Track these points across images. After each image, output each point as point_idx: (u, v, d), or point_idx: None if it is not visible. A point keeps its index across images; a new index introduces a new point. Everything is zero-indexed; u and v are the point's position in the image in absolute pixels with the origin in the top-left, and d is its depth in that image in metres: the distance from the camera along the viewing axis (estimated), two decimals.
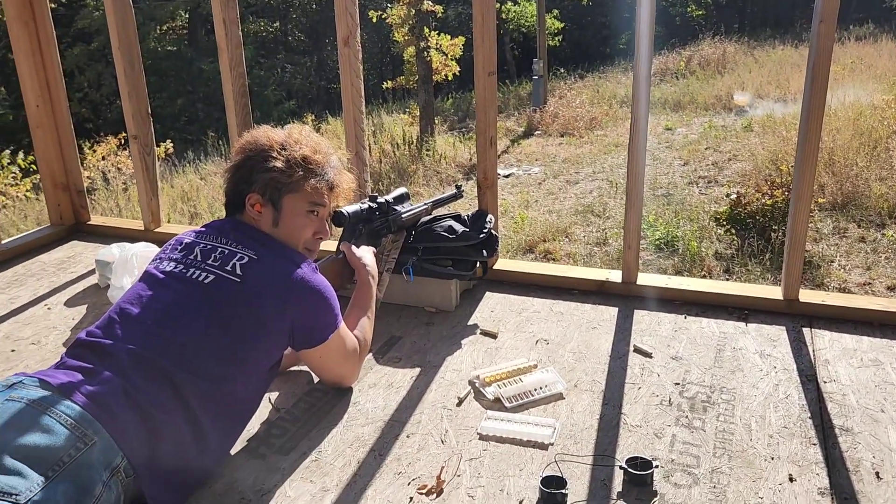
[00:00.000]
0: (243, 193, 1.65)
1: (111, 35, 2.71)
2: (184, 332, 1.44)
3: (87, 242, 3.01)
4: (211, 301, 1.48)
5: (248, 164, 1.66)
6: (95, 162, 9.77)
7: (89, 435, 1.23)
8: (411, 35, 11.87)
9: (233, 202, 1.69)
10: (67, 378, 1.32)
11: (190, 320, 1.46)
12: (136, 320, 1.45)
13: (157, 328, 1.44)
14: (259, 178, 1.63)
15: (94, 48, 16.85)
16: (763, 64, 14.77)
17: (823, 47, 1.89)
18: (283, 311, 1.52)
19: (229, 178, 1.69)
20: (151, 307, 1.48)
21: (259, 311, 1.50)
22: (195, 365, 1.42)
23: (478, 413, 1.68)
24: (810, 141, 1.99)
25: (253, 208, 1.65)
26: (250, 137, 1.70)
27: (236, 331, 1.48)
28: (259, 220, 1.65)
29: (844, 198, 6.51)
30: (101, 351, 1.39)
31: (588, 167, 9.24)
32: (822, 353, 1.89)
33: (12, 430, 1.18)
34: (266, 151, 1.64)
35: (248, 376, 1.52)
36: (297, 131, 1.71)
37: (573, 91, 14.37)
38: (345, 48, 2.39)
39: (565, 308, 2.21)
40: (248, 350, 1.50)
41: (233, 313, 1.49)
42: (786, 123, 9.32)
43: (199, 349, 1.43)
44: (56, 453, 1.18)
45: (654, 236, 6.08)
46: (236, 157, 1.69)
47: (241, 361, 1.49)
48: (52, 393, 1.27)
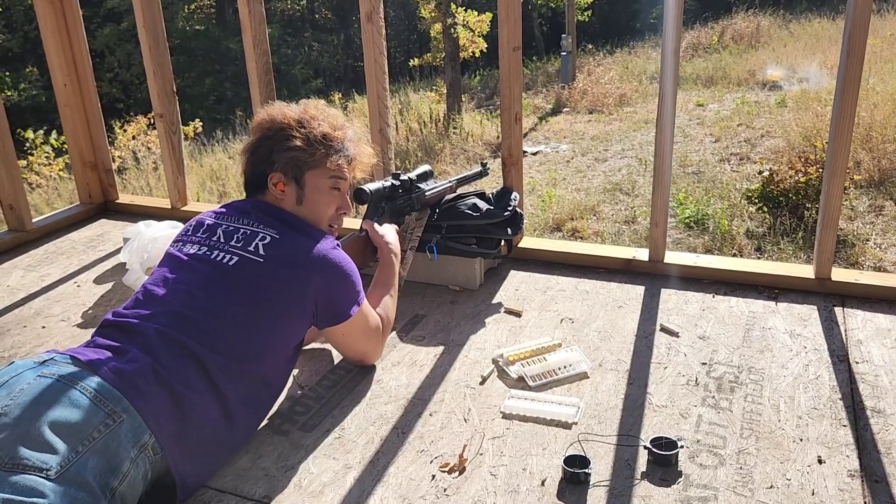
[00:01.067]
0: (265, 173, 1.65)
1: (136, 13, 2.72)
2: (210, 313, 1.45)
3: (115, 221, 3.05)
4: (235, 282, 1.49)
5: (267, 144, 1.65)
6: (126, 142, 9.88)
7: (118, 412, 1.24)
8: (438, 11, 11.76)
9: (253, 182, 1.68)
10: (97, 355, 1.33)
11: (215, 302, 1.47)
12: (162, 302, 1.46)
13: (183, 310, 1.44)
14: (280, 158, 1.63)
15: (123, 28, 16.97)
16: (798, 37, 14.38)
17: (860, 18, 1.83)
18: (306, 287, 1.52)
19: (248, 158, 1.68)
20: (177, 289, 1.49)
21: (282, 289, 1.51)
22: (222, 346, 1.43)
23: (501, 392, 1.67)
24: (845, 116, 1.92)
25: (276, 188, 1.64)
26: (266, 116, 1.68)
27: (261, 311, 1.49)
28: (283, 199, 1.65)
29: (881, 175, 6.33)
30: (129, 330, 1.41)
31: (617, 144, 9.11)
32: (855, 333, 1.85)
33: (43, 406, 1.20)
34: (285, 130, 1.63)
35: (275, 355, 1.53)
36: (312, 107, 1.70)
37: (602, 67, 14.15)
38: (368, 24, 2.36)
39: (591, 287, 2.19)
40: (273, 329, 1.51)
41: (257, 293, 1.49)
42: (821, 99, 9.08)
43: (225, 330, 1.44)
44: (86, 429, 1.20)
45: (683, 214, 5.99)
46: (254, 137, 1.68)
47: (267, 341, 1.50)
48: (82, 369, 1.29)
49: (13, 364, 1.31)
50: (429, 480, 1.39)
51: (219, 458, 1.44)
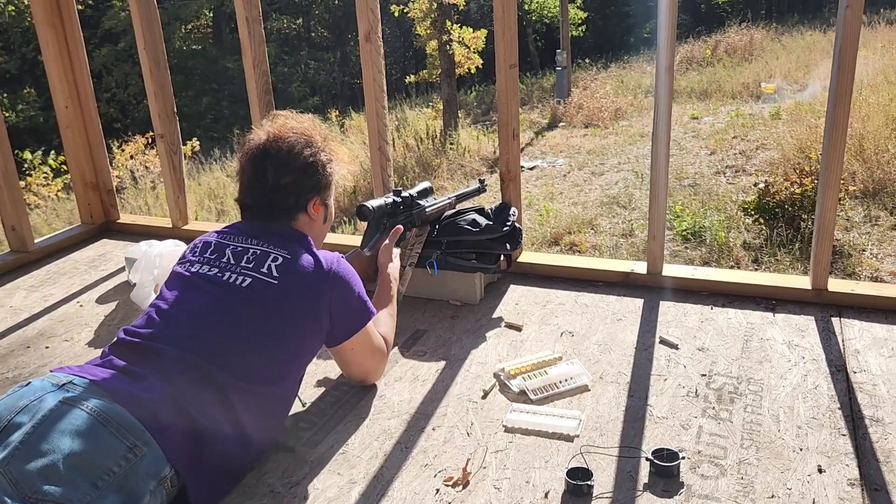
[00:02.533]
0: (305, 200, 1.62)
1: (136, 35, 2.76)
2: (230, 338, 1.45)
3: (116, 241, 3.06)
4: (251, 305, 1.48)
5: (312, 169, 1.61)
6: (124, 161, 9.93)
7: (139, 445, 1.23)
8: (433, 29, 11.86)
9: (283, 209, 1.62)
10: (118, 382, 1.31)
11: (233, 325, 1.46)
12: (179, 325, 1.45)
13: (202, 334, 1.44)
14: (324, 181, 1.64)
15: (120, 48, 17.10)
16: (791, 50, 14.51)
17: (850, 33, 1.86)
18: (321, 304, 1.53)
19: (286, 187, 1.60)
20: (193, 312, 1.48)
21: (300, 310, 1.51)
22: (241, 369, 1.42)
23: (503, 405, 1.68)
24: (838, 127, 1.96)
25: (315, 211, 1.64)
26: (295, 140, 1.61)
27: (279, 332, 1.49)
28: (314, 221, 1.65)
29: (875, 185, 6.38)
30: (147, 354, 1.40)
31: (613, 158, 9.17)
32: (852, 343, 1.87)
33: (66, 437, 1.18)
34: (318, 154, 1.63)
35: (293, 376, 1.55)
36: (304, 126, 1.67)
37: (597, 82, 14.24)
38: (366, 44, 2.40)
39: (590, 300, 2.21)
40: (294, 351, 1.52)
41: (274, 316, 1.49)
42: (814, 111, 9.16)
43: (244, 354, 1.44)
44: (107, 462, 1.19)
45: (680, 227, 6.02)
46: (291, 164, 1.59)
47: (287, 362, 1.51)
48: (103, 398, 1.27)
49: (31, 385, 1.29)
50: (433, 495, 1.40)
51: (235, 480, 1.45)
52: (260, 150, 1.61)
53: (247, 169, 1.62)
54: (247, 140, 1.66)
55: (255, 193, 1.62)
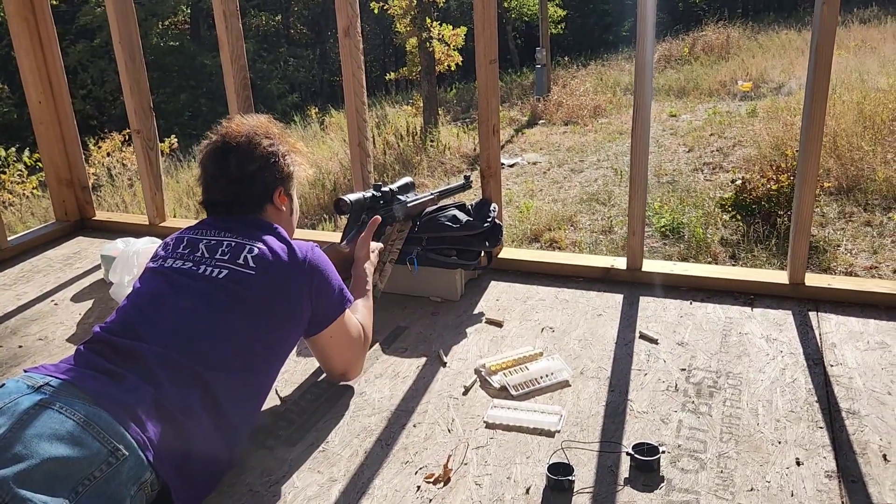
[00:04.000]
0: (271, 189, 1.65)
1: (112, 30, 2.72)
2: (209, 330, 1.43)
3: (92, 238, 3.02)
4: (229, 296, 1.47)
5: (273, 157, 1.64)
6: (100, 158, 9.79)
7: (121, 449, 1.20)
8: (413, 26, 11.83)
9: (250, 200, 1.64)
10: (98, 384, 1.29)
11: (211, 317, 1.45)
12: (156, 320, 1.44)
13: (181, 328, 1.42)
14: (284, 173, 1.66)
15: (96, 45, 16.86)
16: (767, 49, 14.66)
17: (826, 30, 1.88)
18: (300, 292, 1.53)
19: (251, 176, 1.62)
20: (170, 306, 1.46)
21: (277, 298, 1.51)
22: (223, 362, 1.41)
23: (484, 401, 1.68)
24: (814, 124, 1.97)
25: (280, 202, 1.67)
26: (252, 132, 1.64)
27: (258, 322, 1.48)
28: (282, 213, 1.68)
29: (850, 182, 6.47)
30: (127, 353, 1.37)
31: (592, 155, 9.21)
32: (829, 337, 1.89)
33: (45, 441, 1.14)
34: (276, 145, 1.65)
35: (273, 366, 1.55)
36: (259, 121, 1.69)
37: (576, 79, 14.31)
38: (345, 39, 2.38)
39: (570, 296, 2.21)
40: (273, 339, 1.51)
41: (253, 306, 1.48)
42: (790, 109, 9.26)
43: (224, 345, 1.43)
44: (87, 467, 1.15)
45: (659, 223, 6.07)
46: (253, 153, 1.62)
47: (267, 352, 1.51)
48: (83, 400, 1.24)
49: (5, 387, 1.25)
50: (414, 492, 1.40)
51: (218, 477, 1.44)
52: (219, 145, 1.63)
53: (209, 167, 1.63)
54: (204, 144, 1.68)
55: (221, 188, 1.63)
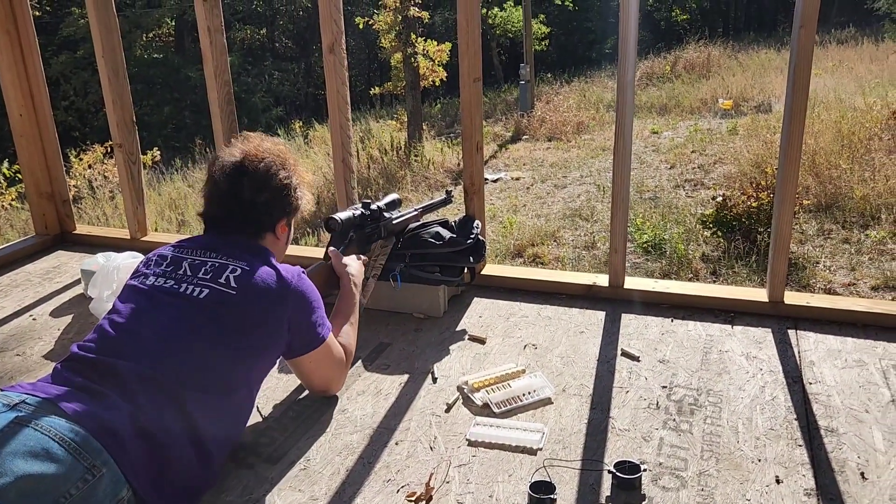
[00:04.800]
0: (276, 219, 1.65)
1: (95, 43, 2.71)
2: (187, 348, 1.42)
3: (72, 252, 2.99)
4: (209, 316, 1.47)
5: (286, 191, 1.65)
6: (82, 170, 9.71)
7: (98, 466, 1.19)
8: (398, 41, 11.88)
9: (253, 226, 1.63)
10: (75, 401, 1.27)
11: (191, 336, 1.44)
12: (136, 338, 1.43)
13: (159, 346, 1.41)
14: (294, 204, 1.68)
15: (79, 56, 16.78)
16: (747, 67, 14.89)
17: (804, 52, 1.92)
18: (280, 317, 1.52)
19: (261, 204, 1.62)
20: (150, 325, 1.45)
21: (257, 320, 1.50)
22: (200, 381, 1.40)
23: (466, 419, 1.68)
24: (793, 143, 2.01)
25: (281, 231, 1.68)
26: (272, 160, 1.63)
27: (238, 343, 1.47)
28: (279, 241, 1.68)
29: (828, 199, 6.56)
30: (104, 370, 1.36)
31: (576, 171, 9.27)
32: (808, 355, 1.91)
33: (20, 459, 1.14)
34: (293, 176, 1.67)
35: (250, 387, 1.53)
36: (279, 148, 1.69)
37: (560, 96, 14.42)
38: (330, 55, 2.39)
39: (553, 313, 2.22)
40: (251, 361, 1.50)
41: (232, 326, 1.47)
42: (769, 127, 9.40)
43: (203, 365, 1.42)
44: (64, 485, 1.14)
45: (641, 239, 6.11)
46: (268, 183, 1.62)
47: (244, 373, 1.50)
48: (60, 416, 1.23)
49: None
50: None
51: (197, 495, 1.42)
52: (237, 166, 1.61)
53: (220, 183, 1.61)
54: (218, 156, 1.66)
55: (227, 207, 1.62)
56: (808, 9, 1.88)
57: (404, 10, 11.58)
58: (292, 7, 21.94)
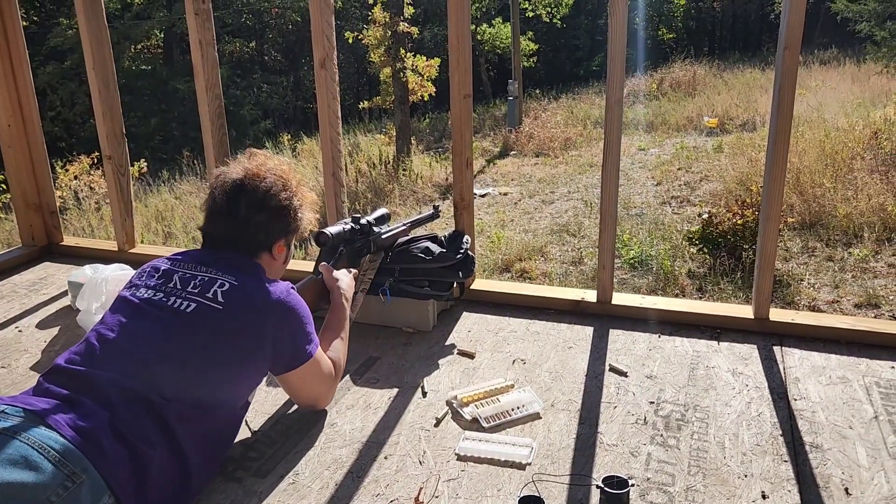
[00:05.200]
0: (272, 240, 1.65)
1: (86, 55, 2.71)
2: (170, 362, 1.42)
3: (59, 264, 2.97)
4: (195, 330, 1.47)
5: (285, 212, 1.65)
6: (67, 181, 9.66)
7: (77, 473, 1.19)
8: (387, 56, 11.94)
9: (249, 245, 1.63)
10: (53, 410, 1.28)
11: (175, 350, 1.44)
12: (119, 350, 1.43)
13: (142, 358, 1.41)
14: (294, 226, 1.68)
15: (67, 66, 16.73)
16: (732, 86, 15.08)
17: (788, 73, 1.95)
18: (265, 332, 1.52)
19: (258, 224, 1.62)
20: (134, 337, 1.45)
21: (243, 336, 1.50)
22: (181, 394, 1.40)
23: (455, 433, 1.68)
24: (778, 163, 2.04)
25: (278, 252, 1.68)
26: (277, 181, 1.64)
27: (222, 358, 1.47)
28: (276, 261, 1.68)
29: (812, 217, 6.64)
30: (84, 380, 1.36)
31: (563, 187, 9.33)
32: (793, 371, 1.93)
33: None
34: (294, 199, 1.67)
35: (234, 402, 1.53)
36: (282, 168, 1.69)
37: (548, 112, 14.53)
38: (321, 70, 2.40)
39: (542, 328, 2.23)
40: (234, 376, 1.50)
41: (217, 340, 1.47)
42: (754, 145, 9.52)
43: (185, 379, 1.42)
44: (44, 492, 1.15)
45: (628, 255, 6.15)
46: (267, 203, 1.62)
47: (227, 388, 1.49)
48: (40, 426, 1.23)
49: None
50: None
51: None
52: (236, 184, 1.62)
53: (219, 200, 1.62)
54: (221, 172, 1.66)
55: (224, 225, 1.62)
56: (792, 31, 1.91)
57: (394, 25, 11.65)
58: (282, 21, 21.99)
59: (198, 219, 9.12)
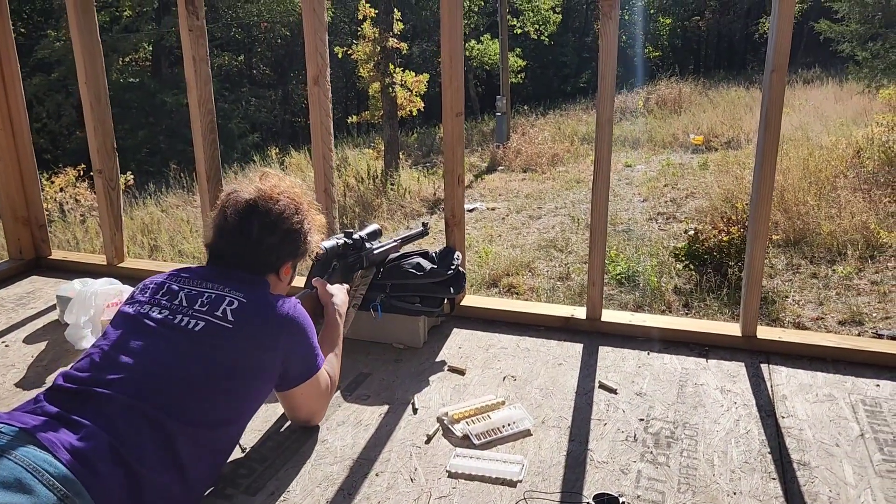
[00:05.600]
0: (281, 262, 1.65)
1: (78, 70, 2.71)
2: (180, 382, 1.41)
3: (47, 277, 2.95)
4: (204, 348, 1.46)
5: (296, 236, 1.65)
6: (53, 193, 9.60)
7: (70, 497, 1.17)
8: (376, 71, 11.99)
9: (257, 266, 1.63)
10: (50, 429, 1.26)
11: (185, 369, 1.43)
12: (125, 368, 1.40)
13: (150, 377, 1.40)
14: (304, 249, 1.69)
15: (54, 78, 16.66)
16: (717, 104, 15.27)
17: (775, 95, 1.99)
18: (276, 349, 1.52)
19: (269, 246, 1.62)
20: (141, 355, 1.43)
21: (254, 354, 1.49)
22: (190, 414, 1.39)
23: (447, 450, 1.69)
24: (765, 183, 2.07)
25: (285, 274, 1.68)
26: (287, 203, 1.64)
27: (233, 377, 1.46)
28: (282, 282, 1.68)
29: (796, 235, 6.72)
30: (86, 398, 1.34)
31: (550, 202, 9.38)
32: (780, 389, 1.95)
33: None
34: (305, 223, 1.67)
35: (242, 420, 1.53)
36: (294, 192, 1.69)
37: (535, 128, 14.63)
38: (314, 87, 2.42)
39: (531, 344, 2.25)
40: (245, 395, 1.50)
41: (227, 360, 1.46)
42: (739, 162, 9.63)
43: (195, 398, 1.41)
44: None
45: (615, 271, 6.19)
46: (279, 227, 1.62)
47: (238, 407, 1.49)
48: (35, 447, 1.21)
49: None
50: None
51: None
52: (249, 205, 1.61)
53: (230, 218, 1.61)
54: (233, 191, 1.65)
55: (233, 244, 1.62)
56: (779, 55, 1.95)
57: (383, 40, 11.71)
58: (271, 35, 22.05)
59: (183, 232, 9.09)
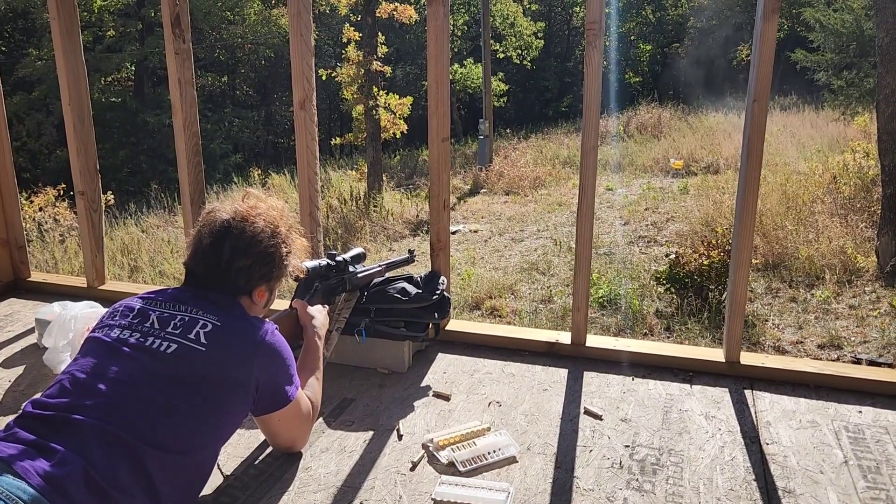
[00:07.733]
0: (253, 285, 1.62)
1: (62, 90, 2.69)
2: (151, 406, 1.39)
3: (25, 300, 2.91)
4: (176, 372, 1.44)
5: (269, 259, 1.62)
6: (32, 213, 9.49)
7: None
8: (360, 94, 12.05)
9: (228, 288, 1.60)
10: (23, 456, 1.24)
11: (156, 392, 1.41)
12: (97, 393, 1.38)
13: (122, 401, 1.38)
14: (279, 273, 1.66)
15: (34, 97, 16.55)
16: (696, 129, 15.48)
17: (757, 124, 2.02)
18: (249, 374, 1.50)
19: (239, 269, 1.59)
20: (112, 379, 1.41)
21: (227, 378, 1.48)
22: (163, 439, 1.37)
23: (432, 477, 1.67)
24: (748, 210, 2.10)
25: (259, 297, 1.65)
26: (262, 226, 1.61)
27: (205, 401, 1.44)
28: (257, 304, 1.65)
29: (775, 259, 6.80)
30: (58, 424, 1.32)
31: (532, 225, 9.43)
32: (764, 415, 1.96)
33: None
34: (282, 246, 1.64)
35: (215, 445, 1.50)
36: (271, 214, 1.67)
37: (518, 151, 14.74)
38: (301, 111, 2.42)
39: (517, 369, 2.24)
40: (217, 420, 1.47)
41: (199, 383, 1.45)
42: (718, 187, 9.76)
43: (168, 423, 1.39)
44: None
45: (597, 294, 6.21)
46: (251, 249, 1.59)
47: (210, 432, 1.47)
48: (7, 474, 1.20)
49: None
50: None
51: None
52: (223, 226, 1.59)
53: (204, 240, 1.59)
54: (212, 210, 1.64)
55: (205, 265, 1.60)
56: (760, 85, 1.99)
57: (367, 63, 11.79)
58: (254, 56, 22.09)
59: (164, 253, 9.02)
